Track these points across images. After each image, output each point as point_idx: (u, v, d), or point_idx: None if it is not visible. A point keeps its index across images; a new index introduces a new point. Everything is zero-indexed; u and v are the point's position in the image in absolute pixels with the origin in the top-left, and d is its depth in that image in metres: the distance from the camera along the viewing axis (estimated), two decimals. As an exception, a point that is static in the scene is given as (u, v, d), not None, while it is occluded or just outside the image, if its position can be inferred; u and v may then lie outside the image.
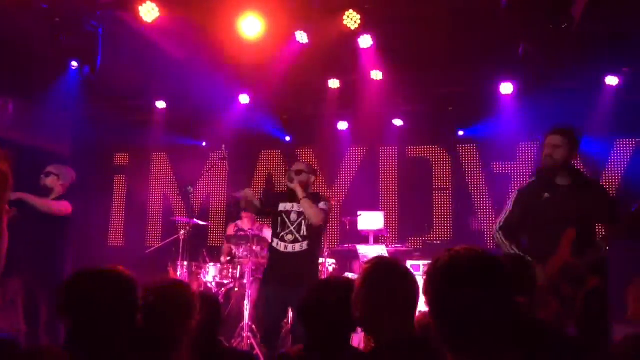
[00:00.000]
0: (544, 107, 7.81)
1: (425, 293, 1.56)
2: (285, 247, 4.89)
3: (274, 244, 4.97)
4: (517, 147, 8.26)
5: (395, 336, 2.13)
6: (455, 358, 1.45)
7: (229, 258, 7.22)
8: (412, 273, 2.28)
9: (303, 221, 4.90)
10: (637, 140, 7.81)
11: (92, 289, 1.90)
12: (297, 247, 4.86)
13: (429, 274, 1.55)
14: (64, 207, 5.30)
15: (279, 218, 4.99)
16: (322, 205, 4.92)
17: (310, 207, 4.83)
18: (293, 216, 4.94)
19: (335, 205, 8.27)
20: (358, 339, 5.39)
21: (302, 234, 4.88)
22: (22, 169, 7.67)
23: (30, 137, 8.56)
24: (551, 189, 3.99)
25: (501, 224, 4.17)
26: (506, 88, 7.52)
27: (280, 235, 4.94)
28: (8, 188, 2.28)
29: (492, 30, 6.21)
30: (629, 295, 3.41)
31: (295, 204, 4.94)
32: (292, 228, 4.91)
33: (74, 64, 6.90)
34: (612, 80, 7.14)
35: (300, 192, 4.88)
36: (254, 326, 6.09)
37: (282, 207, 5.01)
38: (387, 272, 2.25)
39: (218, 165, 8.74)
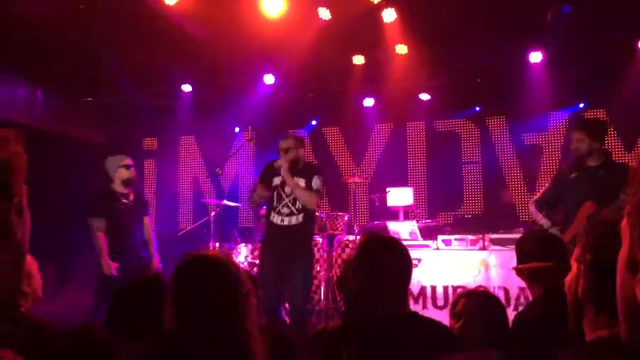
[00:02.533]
0: (574, 74, 7.65)
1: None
2: (282, 221, 4.85)
3: (271, 217, 4.93)
4: (548, 117, 8.10)
5: (388, 310, 2.11)
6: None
7: None
8: (406, 249, 2.26)
9: None
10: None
11: (202, 276, 1.87)
12: (294, 219, 4.82)
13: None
14: None
15: (275, 192, 4.94)
16: (315, 182, 4.84)
17: (302, 194, 4.79)
18: (287, 189, 4.88)
19: (363, 182, 8.26)
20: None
21: (297, 206, 4.84)
22: (58, 157, 7.86)
23: (63, 126, 8.72)
24: (580, 169, 4.59)
25: (537, 197, 4.81)
26: (535, 57, 7.34)
27: (277, 208, 4.89)
28: (24, 169, 2.34)
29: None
30: None
31: None
32: (287, 200, 4.87)
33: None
34: (645, 45, 6.93)
35: (290, 181, 4.82)
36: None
37: (277, 180, 4.95)
38: (383, 246, 2.23)
39: (245, 146, 8.79)
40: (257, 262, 6.95)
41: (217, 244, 7.04)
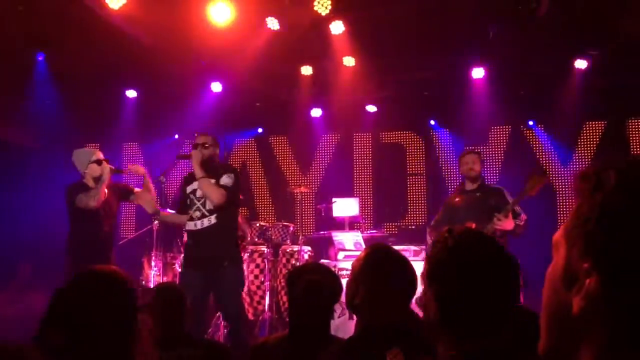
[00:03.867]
0: (514, 90, 7.91)
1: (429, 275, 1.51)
2: (195, 225, 4.62)
3: (187, 227, 4.71)
4: (489, 131, 8.33)
5: (390, 321, 2.11)
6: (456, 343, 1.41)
7: None
8: (408, 260, 2.27)
9: None
10: (605, 122, 7.94)
11: (90, 294, 1.75)
12: (206, 221, 4.57)
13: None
14: None
15: (187, 200, 4.73)
16: (223, 179, 4.57)
17: (207, 187, 4.54)
18: (199, 192, 4.65)
19: (310, 192, 8.27)
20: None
21: (207, 207, 4.59)
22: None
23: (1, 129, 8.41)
24: (462, 193, 5.26)
25: (432, 222, 5.35)
26: (477, 72, 7.56)
27: (190, 215, 4.68)
28: None
29: (462, 15, 6.23)
30: None
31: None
32: (198, 204, 4.64)
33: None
34: (580, 64, 7.22)
35: (198, 171, 4.58)
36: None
37: (188, 189, 4.75)
38: (388, 257, 2.24)
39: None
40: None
41: (160, 253, 6.89)
